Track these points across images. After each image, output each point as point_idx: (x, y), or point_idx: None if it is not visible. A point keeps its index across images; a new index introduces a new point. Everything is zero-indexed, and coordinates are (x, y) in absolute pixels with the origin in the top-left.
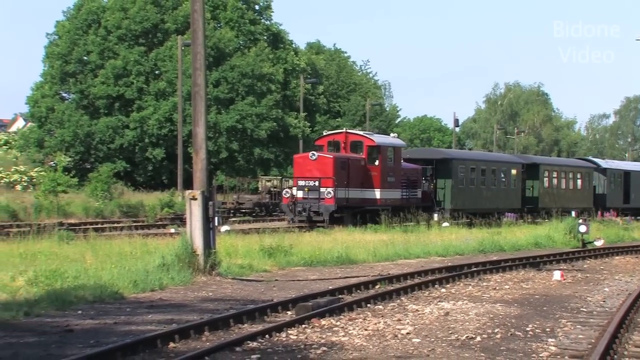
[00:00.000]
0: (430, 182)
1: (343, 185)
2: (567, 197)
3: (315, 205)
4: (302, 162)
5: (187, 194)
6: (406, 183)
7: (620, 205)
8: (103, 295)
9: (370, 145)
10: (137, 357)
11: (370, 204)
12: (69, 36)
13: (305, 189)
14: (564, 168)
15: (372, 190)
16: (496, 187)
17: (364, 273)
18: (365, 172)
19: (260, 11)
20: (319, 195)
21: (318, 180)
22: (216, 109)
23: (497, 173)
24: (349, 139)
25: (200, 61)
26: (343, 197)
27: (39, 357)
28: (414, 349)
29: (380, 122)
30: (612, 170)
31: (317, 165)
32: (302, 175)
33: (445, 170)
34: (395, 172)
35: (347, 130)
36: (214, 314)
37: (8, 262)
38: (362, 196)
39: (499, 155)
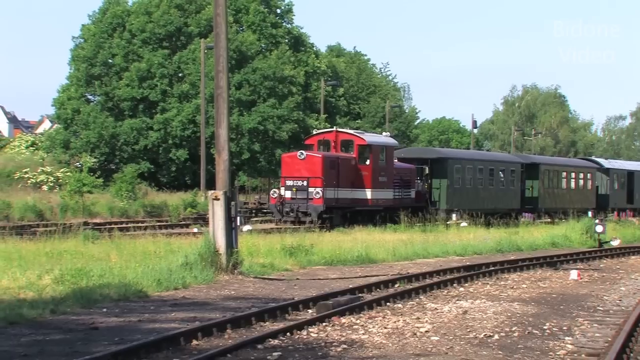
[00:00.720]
0: (424, 182)
1: (332, 185)
2: (569, 198)
3: (304, 206)
4: (290, 161)
5: (210, 195)
6: (399, 183)
7: (623, 206)
8: (127, 294)
9: (360, 144)
10: (161, 354)
11: (361, 205)
12: (94, 39)
13: (293, 189)
14: (565, 168)
15: (363, 191)
16: (494, 187)
17: (384, 272)
18: (356, 172)
19: (282, 15)
20: (307, 195)
21: (306, 180)
22: (238, 110)
23: (495, 173)
24: (339, 138)
25: (223, 64)
26: (332, 198)
27: (65, 354)
28: (432, 346)
29: (400, 123)
30: (615, 170)
31: (305, 165)
32: (290, 175)
33: (441, 170)
34: (387, 171)
35: (338, 129)
36: (236, 312)
37: (35, 260)
38: (352, 196)
39: (497, 155)
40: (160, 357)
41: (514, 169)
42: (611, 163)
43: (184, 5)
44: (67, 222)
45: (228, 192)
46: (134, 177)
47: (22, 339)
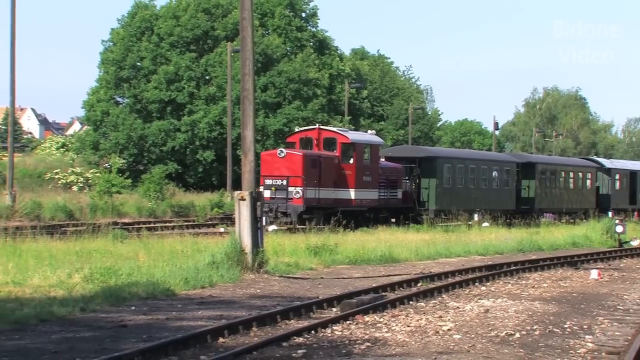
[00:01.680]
0: (412, 182)
1: (313, 185)
2: (567, 198)
3: (283, 206)
4: (269, 159)
5: (236, 195)
6: (385, 183)
7: (626, 207)
8: (155, 292)
9: (344, 142)
10: (188, 351)
11: (344, 205)
12: (123, 43)
13: (272, 188)
14: (563, 168)
15: (346, 190)
16: (487, 187)
17: (407, 271)
18: (339, 171)
19: (307, 19)
20: (287, 195)
21: (286, 179)
22: (264, 112)
23: (489, 172)
24: (322, 135)
25: (249, 67)
26: (313, 197)
27: (94, 351)
28: (454, 344)
29: (423, 125)
30: (617, 170)
31: (285, 163)
32: (269, 173)
33: (430, 169)
34: (372, 171)
35: (320, 127)
36: (262, 310)
37: (65, 259)
38: (334, 196)
39: (490, 154)
40: (187, 354)
41: (509, 169)
42: (613, 163)
43: (211, 9)
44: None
45: (254, 193)
46: (161, 178)
47: (52, 336)
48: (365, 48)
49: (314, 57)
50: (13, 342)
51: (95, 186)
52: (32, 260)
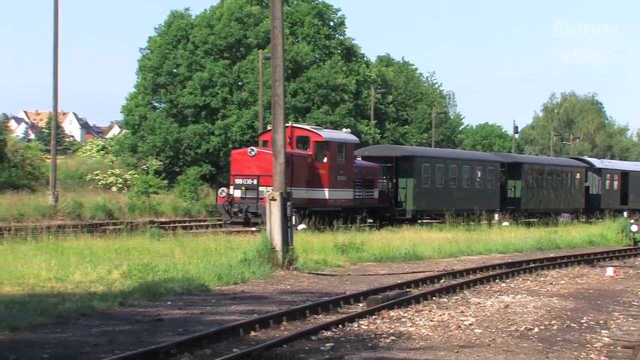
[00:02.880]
0: (389, 182)
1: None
2: (555, 198)
3: (254, 206)
4: (240, 158)
5: (267, 195)
6: (360, 182)
7: (617, 207)
8: (190, 288)
9: (317, 140)
10: (222, 344)
11: (318, 205)
12: (160, 51)
13: (242, 187)
14: (551, 168)
15: (320, 190)
16: (469, 187)
17: (430, 268)
18: (312, 170)
19: (335, 27)
20: (258, 194)
21: (257, 178)
22: (294, 117)
23: (471, 172)
24: (294, 133)
25: (280, 73)
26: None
27: (132, 343)
28: (476, 338)
29: (445, 129)
30: (607, 170)
31: (256, 162)
32: (240, 172)
33: (407, 169)
34: (346, 170)
35: (293, 125)
36: (292, 305)
37: (105, 256)
38: (307, 196)
39: (472, 153)
40: (221, 347)
41: (492, 168)
42: (604, 163)
43: (243, 18)
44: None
45: (284, 193)
46: (196, 179)
47: (92, 329)
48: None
49: (342, 64)
50: (56, 335)
51: (133, 187)
52: (74, 257)
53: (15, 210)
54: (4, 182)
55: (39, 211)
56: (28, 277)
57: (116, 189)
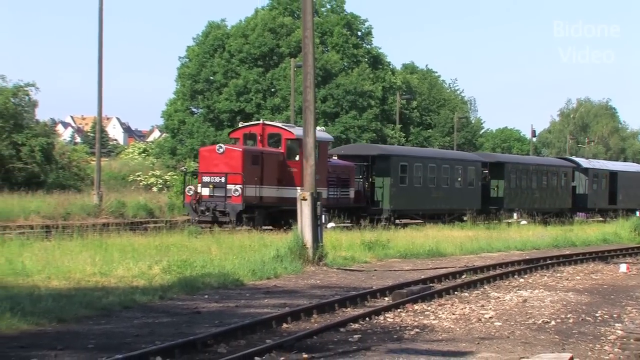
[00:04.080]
0: (365, 181)
1: (254, 182)
2: (539, 197)
3: (221, 204)
4: (208, 155)
5: (299, 195)
6: (335, 181)
7: (605, 207)
8: (226, 282)
9: (289, 138)
10: (255, 336)
11: (290, 204)
12: (198, 59)
13: (210, 185)
14: (535, 167)
15: (292, 189)
16: (449, 187)
17: (452, 264)
18: (284, 168)
19: (362, 37)
20: (226, 193)
21: (224, 176)
22: (323, 121)
23: (451, 171)
24: (266, 131)
25: (310, 80)
26: (254, 196)
27: (171, 334)
28: (495, 331)
29: (466, 132)
30: (594, 170)
31: (224, 160)
32: (207, 170)
33: (384, 168)
34: (320, 168)
35: (264, 122)
36: (321, 299)
37: (146, 253)
38: (279, 195)
39: (453, 153)
40: (254, 338)
41: (473, 168)
42: (591, 163)
43: (276, 28)
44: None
45: (314, 193)
46: None
47: (134, 321)
48: (414, 63)
49: (369, 72)
50: (100, 326)
51: (172, 187)
52: (117, 253)
53: (63, 209)
54: (52, 183)
55: (85, 210)
56: (74, 272)
57: (156, 189)
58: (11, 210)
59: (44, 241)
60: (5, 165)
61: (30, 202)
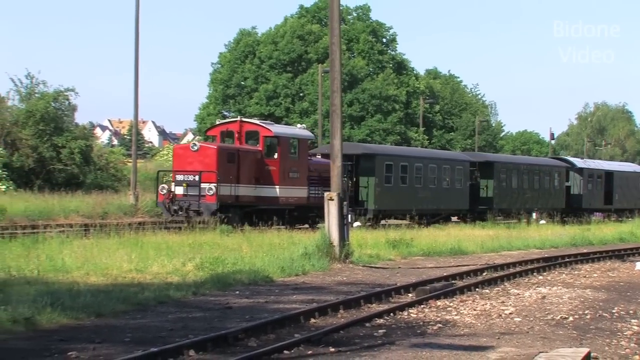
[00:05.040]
0: (349, 180)
1: (229, 181)
2: (531, 197)
3: (195, 204)
4: (182, 153)
5: (326, 196)
6: (316, 180)
7: (600, 206)
8: (256, 279)
9: (267, 135)
10: (284, 330)
11: (268, 203)
12: (229, 65)
13: (184, 184)
14: (527, 167)
15: (271, 187)
16: (436, 187)
17: (473, 262)
18: (262, 167)
19: (387, 43)
20: (200, 191)
21: (198, 174)
22: (350, 124)
23: (438, 171)
24: (243, 128)
25: (337, 85)
26: (229, 194)
27: (204, 329)
28: (515, 326)
29: (487, 135)
30: (589, 170)
31: (198, 157)
32: (182, 168)
33: (368, 167)
34: (300, 167)
35: (242, 119)
36: (348, 295)
37: (180, 250)
38: (256, 194)
39: (440, 152)
40: (283, 332)
41: (461, 167)
42: (586, 163)
43: (304, 36)
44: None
45: (341, 194)
46: None
47: (169, 315)
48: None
49: (393, 77)
50: (136, 320)
51: None
52: (152, 250)
53: (100, 209)
54: (91, 184)
55: (121, 209)
56: (111, 268)
57: None
58: (52, 210)
59: (83, 239)
60: (46, 166)
61: (70, 202)
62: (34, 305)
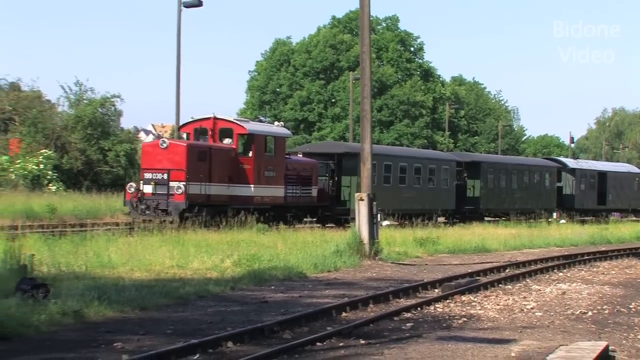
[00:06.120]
0: (330, 180)
1: (200, 179)
2: (520, 198)
3: (164, 203)
4: (151, 151)
5: (356, 196)
6: (295, 179)
7: (593, 207)
8: (290, 275)
9: (241, 133)
10: (317, 323)
11: (242, 202)
12: (265, 73)
13: (152, 182)
14: (515, 167)
15: (245, 187)
16: (421, 187)
17: (496, 259)
18: (236, 165)
19: (415, 52)
20: (168, 190)
21: (167, 172)
22: (379, 129)
23: (424, 171)
24: (217, 125)
25: (367, 91)
26: (199, 194)
27: (241, 322)
28: (536, 320)
29: (510, 139)
30: (582, 170)
31: (168, 155)
32: (150, 166)
33: (351, 167)
34: (276, 165)
35: (216, 116)
36: (377, 290)
37: (218, 248)
38: (229, 193)
39: (425, 152)
40: (316, 325)
41: (447, 167)
42: (579, 163)
43: (336, 45)
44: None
45: (371, 194)
46: None
47: (208, 309)
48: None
49: (420, 84)
50: (177, 313)
51: None
52: (193, 248)
53: None
54: None
55: None
56: (154, 264)
57: None
58: (99, 209)
59: (128, 237)
60: (94, 168)
61: (116, 201)
62: (82, 299)
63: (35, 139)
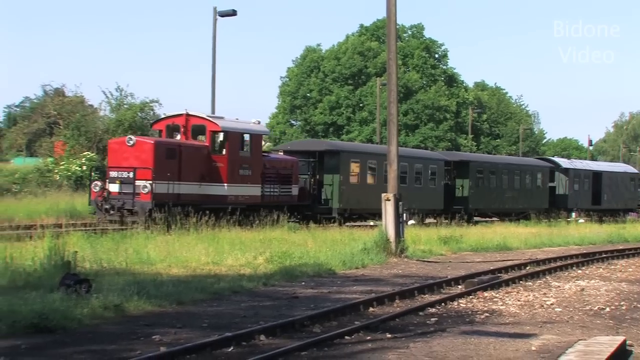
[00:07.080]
0: (311, 178)
1: (168, 178)
2: (511, 198)
3: (130, 202)
4: (117, 148)
5: (383, 197)
6: (274, 178)
7: (588, 207)
8: (320, 271)
9: (214, 130)
10: (345, 318)
11: (215, 202)
12: (296, 79)
13: (117, 181)
14: (506, 167)
15: (218, 186)
16: (407, 186)
17: (518, 257)
18: (208, 163)
19: (439, 59)
20: (134, 189)
21: (133, 171)
22: (405, 132)
23: (410, 170)
24: (189, 122)
25: (394, 96)
26: (167, 193)
27: (273, 316)
28: (556, 316)
29: (531, 142)
30: (575, 170)
31: (134, 153)
32: (116, 164)
33: (333, 165)
34: (252, 163)
35: (188, 112)
36: (403, 286)
37: (251, 245)
38: (201, 192)
39: (412, 151)
40: (345, 320)
41: (435, 167)
42: (572, 163)
43: (364, 52)
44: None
45: (397, 195)
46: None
47: (242, 304)
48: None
49: (445, 89)
50: (212, 308)
51: None
52: (227, 245)
53: None
54: None
55: None
56: (191, 261)
57: None
58: None
59: (166, 235)
60: None
61: None
62: (122, 294)
63: (79, 142)
